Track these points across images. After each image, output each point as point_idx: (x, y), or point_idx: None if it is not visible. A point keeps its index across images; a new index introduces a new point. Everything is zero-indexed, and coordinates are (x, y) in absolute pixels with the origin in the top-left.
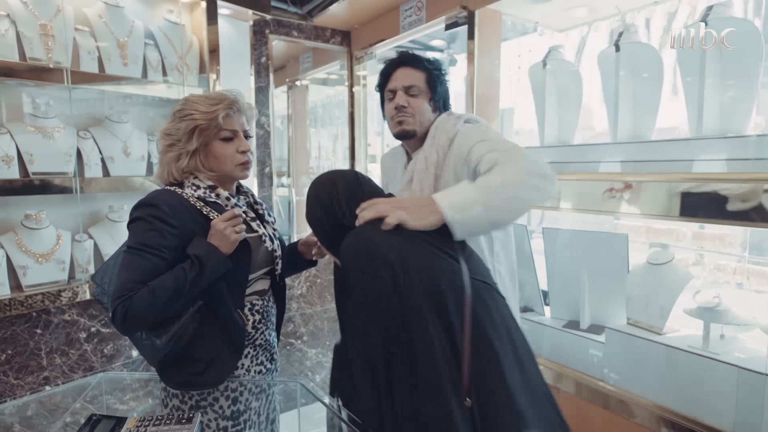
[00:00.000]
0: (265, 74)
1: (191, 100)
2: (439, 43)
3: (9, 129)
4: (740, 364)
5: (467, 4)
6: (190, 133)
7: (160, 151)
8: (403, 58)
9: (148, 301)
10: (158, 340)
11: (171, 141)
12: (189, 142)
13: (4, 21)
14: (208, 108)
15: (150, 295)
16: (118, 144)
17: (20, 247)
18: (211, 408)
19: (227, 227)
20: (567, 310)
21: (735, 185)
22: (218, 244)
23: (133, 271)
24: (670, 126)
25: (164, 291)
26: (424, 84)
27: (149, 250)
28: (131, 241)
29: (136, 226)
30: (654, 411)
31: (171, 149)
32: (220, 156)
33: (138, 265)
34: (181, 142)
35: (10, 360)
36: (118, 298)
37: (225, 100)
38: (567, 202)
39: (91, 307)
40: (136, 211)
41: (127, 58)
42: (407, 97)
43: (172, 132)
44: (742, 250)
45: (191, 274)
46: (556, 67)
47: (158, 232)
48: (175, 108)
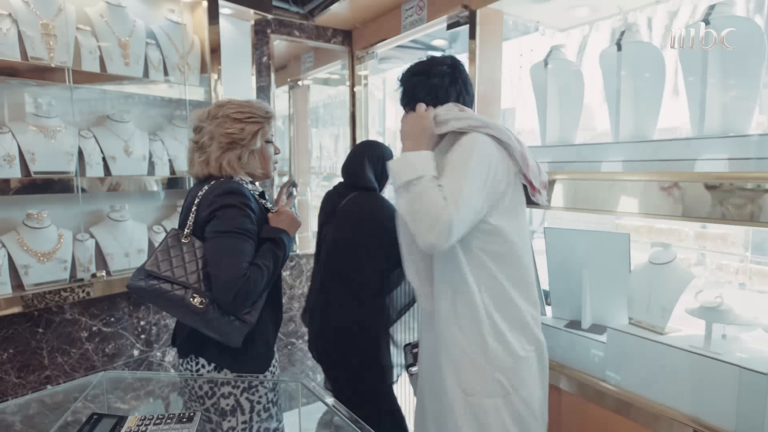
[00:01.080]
0: (266, 74)
1: (248, 105)
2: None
3: (11, 128)
4: (742, 365)
5: (469, 4)
6: (255, 134)
7: (210, 149)
8: (399, 78)
9: (261, 279)
10: (248, 316)
11: (233, 140)
12: (253, 141)
13: (5, 20)
14: (264, 113)
15: (260, 273)
16: (120, 143)
17: (22, 247)
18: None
19: (294, 213)
20: (568, 310)
21: (738, 184)
22: (287, 228)
23: (240, 253)
24: (672, 126)
25: (269, 270)
26: (410, 96)
27: (247, 233)
28: (229, 226)
29: (231, 212)
30: (655, 411)
31: (233, 148)
32: (267, 156)
33: (243, 248)
34: (244, 141)
35: (12, 359)
36: (237, 279)
37: (267, 107)
38: (568, 202)
39: (92, 306)
40: (226, 198)
41: (128, 58)
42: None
43: (236, 132)
44: (744, 250)
45: (280, 253)
46: (557, 66)
47: (249, 218)
48: (228, 111)
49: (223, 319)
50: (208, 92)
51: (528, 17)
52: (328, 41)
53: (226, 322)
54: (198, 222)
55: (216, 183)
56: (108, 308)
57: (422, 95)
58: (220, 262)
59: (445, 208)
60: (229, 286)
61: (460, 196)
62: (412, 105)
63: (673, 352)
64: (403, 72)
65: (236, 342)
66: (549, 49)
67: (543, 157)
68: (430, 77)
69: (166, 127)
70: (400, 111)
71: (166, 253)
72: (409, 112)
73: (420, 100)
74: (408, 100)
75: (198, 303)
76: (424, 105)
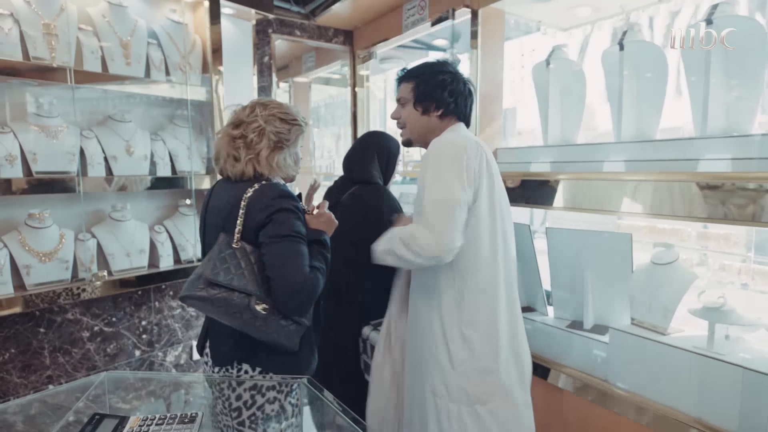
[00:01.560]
0: (267, 74)
1: (288, 107)
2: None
3: (12, 128)
4: (745, 365)
5: (470, 4)
6: (297, 136)
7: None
8: (400, 75)
9: (319, 281)
10: (303, 319)
11: (280, 139)
12: (295, 144)
13: (7, 20)
14: (302, 119)
15: (320, 275)
16: (121, 143)
17: (23, 246)
18: (298, 388)
19: (332, 215)
20: (570, 311)
21: (740, 184)
22: (326, 229)
23: (302, 257)
24: (675, 126)
25: (323, 272)
26: (411, 92)
27: (303, 237)
28: (288, 230)
29: (288, 216)
30: (658, 411)
31: (280, 148)
32: (298, 159)
33: (303, 252)
34: (289, 142)
35: (14, 359)
36: (303, 283)
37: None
38: (570, 202)
39: (94, 306)
40: (282, 201)
41: (130, 58)
42: (400, 109)
43: (283, 132)
44: (747, 250)
45: (327, 255)
46: (559, 66)
47: (301, 220)
48: (275, 111)
49: (283, 323)
50: (210, 92)
51: (530, 17)
52: (329, 41)
53: (284, 326)
54: (249, 226)
55: (266, 185)
56: (109, 308)
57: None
58: (284, 267)
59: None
60: (295, 291)
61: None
62: (427, 104)
63: (675, 353)
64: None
65: (294, 345)
66: (551, 49)
67: (545, 157)
68: (457, 82)
69: (167, 126)
70: None
71: (223, 260)
72: (417, 109)
73: (440, 101)
74: (425, 97)
75: (261, 309)
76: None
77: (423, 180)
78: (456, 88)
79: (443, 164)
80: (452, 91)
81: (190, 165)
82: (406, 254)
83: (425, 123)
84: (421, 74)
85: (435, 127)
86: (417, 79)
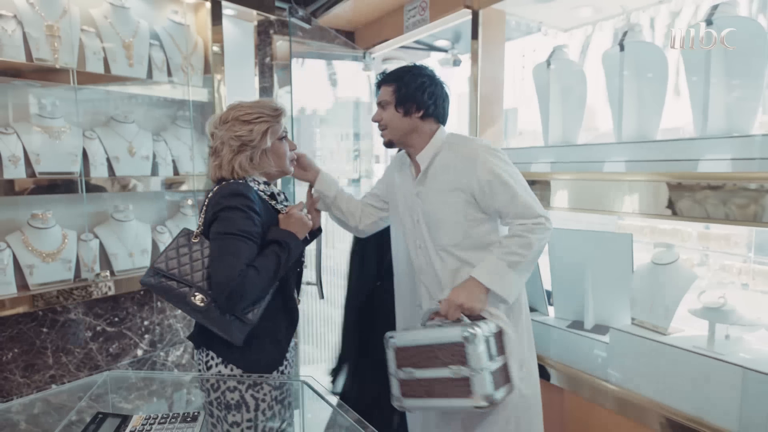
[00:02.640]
0: (269, 74)
1: (257, 105)
2: (443, 43)
3: (16, 129)
4: (745, 365)
5: (471, 4)
6: (264, 133)
7: (222, 153)
8: (380, 77)
9: (257, 281)
10: (249, 316)
11: (243, 142)
12: (262, 141)
13: (10, 22)
14: (272, 111)
15: (258, 275)
16: (124, 144)
17: (27, 247)
18: (265, 382)
19: (303, 216)
20: (571, 311)
21: (740, 185)
22: (296, 231)
23: (239, 255)
24: (675, 126)
25: (267, 272)
26: (392, 95)
27: (248, 235)
28: (230, 228)
29: (233, 215)
30: (658, 411)
31: (244, 150)
32: (281, 153)
33: (242, 250)
34: (254, 142)
35: (17, 358)
36: (231, 280)
37: (275, 105)
38: (571, 202)
39: (96, 306)
40: (229, 200)
41: (132, 59)
42: (381, 111)
43: (244, 134)
44: (748, 250)
45: (283, 256)
46: (560, 66)
47: (251, 220)
48: (237, 114)
49: (223, 317)
50: (212, 93)
51: (531, 17)
52: (330, 42)
53: (226, 321)
54: (206, 223)
55: (224, 185)
56: (112, 308)
57: (424, 99)
58: (216, 263)
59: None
60: (223, 287)
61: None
62: (408, 106)
63: (676, 353)
64: (403, 68)
65: (237, 340)
66: (552, 50)
67: (545, 157)
68: (435, 85)
69: (169, 127)
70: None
71: (174, 251)
72: (398, 111)
73: (421, 103)
74: (406, 99)
75: (199, 301)
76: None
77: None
78: (435, 90)
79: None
80: (431, 93)
81: (192, 166)
82: (535, 245)
83: (407, 124)
84: (401, 78)
85: (416, 127)
86: (397, 82)
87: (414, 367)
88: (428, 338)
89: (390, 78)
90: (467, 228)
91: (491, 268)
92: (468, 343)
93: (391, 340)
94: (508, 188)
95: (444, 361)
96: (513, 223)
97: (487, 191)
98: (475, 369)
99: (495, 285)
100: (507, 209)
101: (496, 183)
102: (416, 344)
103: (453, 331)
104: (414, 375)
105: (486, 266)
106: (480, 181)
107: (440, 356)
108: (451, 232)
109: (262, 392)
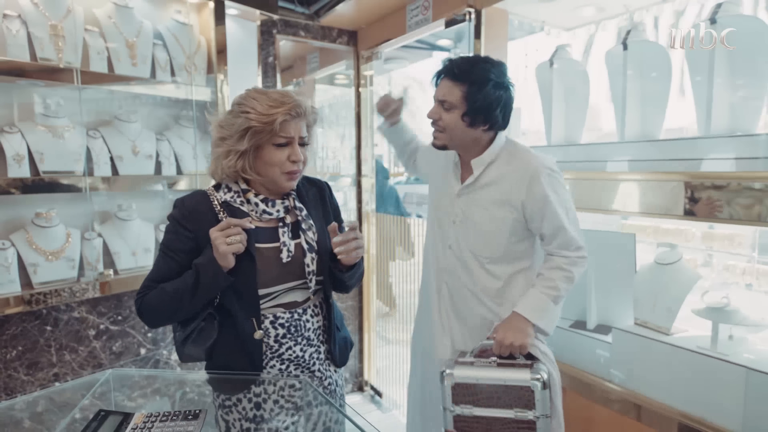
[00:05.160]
0: (272, 74)
1: (251, 96)
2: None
3: (20, 128)
4: (749, 365)
5: (474, 4)
6: (243, 132)
7: (212, 143)
8: (447, 68)
9: (156, 302)
10: (177, 335)
11: (223, 135)
12: (240, 141)
13: (15, 22)
14: (266, 110)
15: (157, 296)
16: (127, 143)
17: (30, 245)
18: (234, 408)
19: (218, 237)
20: (574, 310)
21: (745, 184)
22: (216, 256)
23: (154, 270)
24: (679, 126)
25: (166, 294)
26: (461, 99)
27: (167, 251)
28: (162, 240)
29: (166, 226)
30: (661, 412)
31: (221, 143)
32: (269, 162)
33: (158, 265)
34: (232, 139)
35: (21, 356)
36: (137, 294)
37: (286, 103)
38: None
39: (100, 305)
40: (172, 210)
41: (135, 59)
42: (441, 110)
43: (225, 125)
44: (752, 250)
45: (189, 282)
46: (563, 66)
47: (176, 234)
48: (235, 99)
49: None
50: (215, 92)
51: (533, 17)
52: (333, 41)
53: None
54: None
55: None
56: (115, 307)
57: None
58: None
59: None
60: (135, 300)
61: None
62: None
63: (679, 353)
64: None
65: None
66: (554, 49)
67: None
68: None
69: (173, 127)
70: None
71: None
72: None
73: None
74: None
75: None
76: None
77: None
78: (508, 102)
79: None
80: (504, 106)
81: (195, 165)
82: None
83: (469, 135)
84: (478, 83)
85: (477, 138)
86: (472, 87)
87: (473, 405)
88: (491, 378)
89: (462, 76)
90: (508, 245)
91: (536, 303)
92: (537, 390)
93: (449, 376)
94: (557, 217)
95: (508, 403)
96: (556, 253)
97: (536, 213)
98: (541, 414)
99: (540, 320)
100: (552, 236)
101: (548, 209)
102: (477, 383)
103: (520, 374)
104: (473, 412)
105: (530, 302)
106: (533, 201)
107: (503, 397)
108: (492, 245)
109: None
